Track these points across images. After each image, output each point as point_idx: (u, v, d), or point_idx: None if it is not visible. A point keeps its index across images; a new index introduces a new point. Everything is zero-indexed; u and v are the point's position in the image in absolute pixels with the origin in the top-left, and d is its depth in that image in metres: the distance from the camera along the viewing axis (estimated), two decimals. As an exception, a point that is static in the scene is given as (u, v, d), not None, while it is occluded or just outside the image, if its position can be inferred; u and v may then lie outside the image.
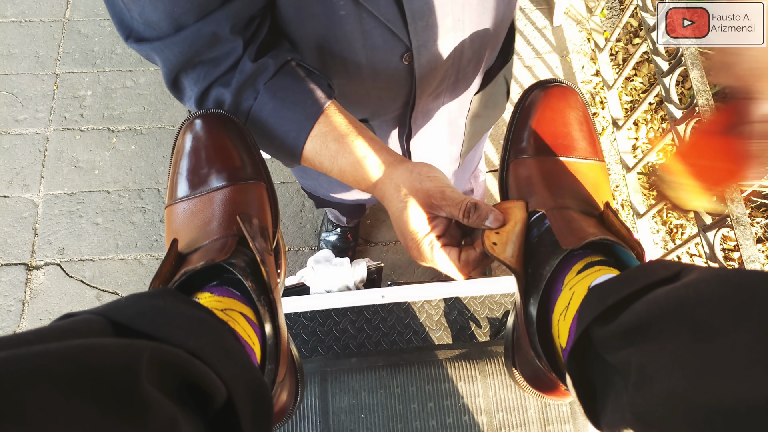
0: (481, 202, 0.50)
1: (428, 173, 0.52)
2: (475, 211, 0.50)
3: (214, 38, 0.53)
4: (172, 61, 0.54)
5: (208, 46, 0.53)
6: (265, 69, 0.56)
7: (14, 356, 0.24)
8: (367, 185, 0.56)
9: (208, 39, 0.52)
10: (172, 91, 0.58)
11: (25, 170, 1.89)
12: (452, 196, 0.51)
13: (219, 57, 0.54)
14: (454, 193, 0.51)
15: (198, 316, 0.39)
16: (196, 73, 0.55)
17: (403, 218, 0.52)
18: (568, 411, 0.75)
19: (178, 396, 0.32)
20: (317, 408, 0.73)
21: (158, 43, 0.52)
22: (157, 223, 1.84)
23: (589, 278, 0.45)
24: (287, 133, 0.57)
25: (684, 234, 1.84)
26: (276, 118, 0.56)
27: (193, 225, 0.52)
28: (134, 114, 2.00)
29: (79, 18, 2.16)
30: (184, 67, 0.55)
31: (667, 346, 0.32)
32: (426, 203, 0.51)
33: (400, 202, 0.52)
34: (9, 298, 1.72)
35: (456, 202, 0.50)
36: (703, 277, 0.33)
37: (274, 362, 0.46)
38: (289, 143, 0.57)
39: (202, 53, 0.54)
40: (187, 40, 0.52)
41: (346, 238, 1.77)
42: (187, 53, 0.53)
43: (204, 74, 0.55)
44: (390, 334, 0.85)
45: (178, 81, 0.56)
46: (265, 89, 0.56)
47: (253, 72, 0.55)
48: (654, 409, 0.31)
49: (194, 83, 0.56)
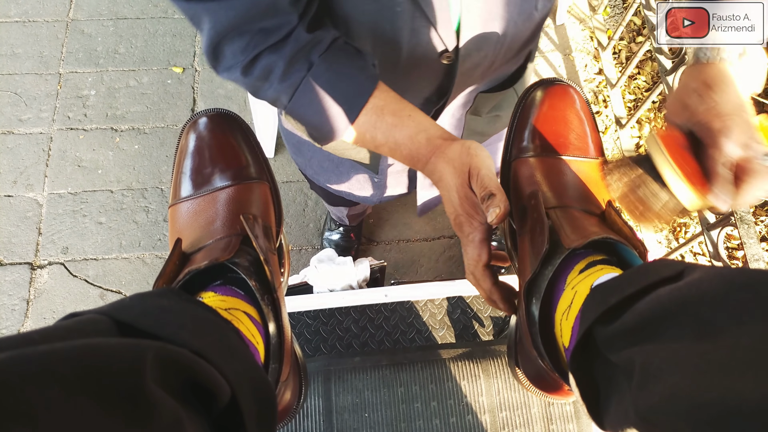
0: (499, 197, 0.49)
1: (476, 150, 0.52)
2: (488, 200, 0.49)
3: (272, 8, 0.52)
4: (222, 25, 0.53)
5: (264, 15, 0.53)
6: (320, 41, 0.56)
7: (19, 356, 0.24)
8: (420, 159, 0.56)
9: (266, 7, 0.52)
10: (210, 57, 0.57)
11: (29, 170, 1.90)
12: (484, 175, 0.50)
13: (272, 27, 0.54)
14: (487, 175, 0.50)
15: (202, 315, 0.39)
16: (243, 41, 0.54)
17: (452, 196, 0.52)
18: (571, 410, 0.75)
19: (182, 395, 0.32)
20: (321, 407, 0.73)
21: (213, 4, 0.51)
22: (161, 223, 1.84)
23: (591, 277, 0.45)
24: (341, 105, 0.57)
25: (687, 233, 1.83)
26: (331, 89, 0.56)
27: (196, 224, 0.52)
28: (137, 113, 2.00)
29: (83, 18, 2.17)
30: (231, 34, 0.54)
31: (670, 345, 0.32)
32: (465, 178, 0.51)
33: (452, 179, 0.52)
34: (13, 297, 1.73)
35: (482, 184, 0.50)
36: (706, 276, 0.33)
37: (277, 361, 0.46)
38: (340, 116, 0.57)
39: (255, 21, 0.53)
40: (245, 5, 0.51)
41: (349, 237, 1.77)
42: (241, 19, 0.52)
43: (253, 43, 0.54)
44: (393, 333, 0.85)
45: (220, 48, 0.55)
46: (320, 60, 0.56)
47: (308, 43, 0.55)
48: (657, 409, 0.31)
49: (240, 51, 0.55)
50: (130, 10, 2.19)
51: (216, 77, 2.07)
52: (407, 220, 1.88)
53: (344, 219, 1.66)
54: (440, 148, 0.54)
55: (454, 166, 0.52)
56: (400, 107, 0.57)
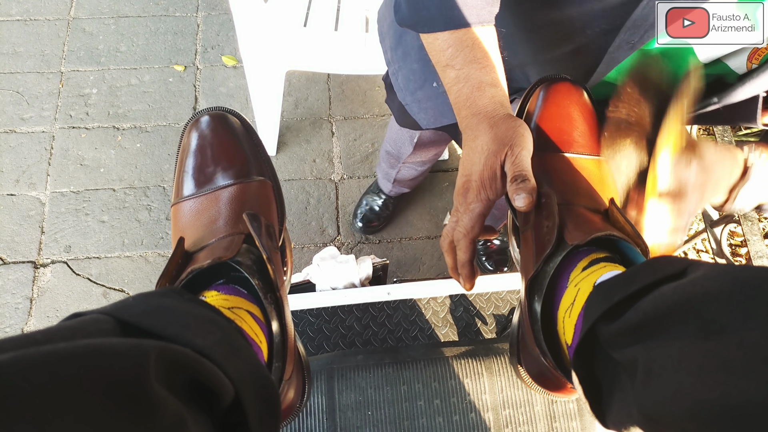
0: (533, 183, 0.50)
1: (524, 131, 0.52)
2: (521, 183, 0.49)
3: None
4: None
5: None
6: None
7: (23, 356, 0.24)
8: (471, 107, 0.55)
9: None
10: None
11: (32, 168, 1.90)
12: (524, 156, 0.50)
13: None
14: (526, 158, 0.50)
15: (205, 314, 0.39)
16: None
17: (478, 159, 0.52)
18: (574, 408, 0.75)
19: (185, 395, 0.32)
20: (324, 405, 0.73)
21: None
22: (163, 221, 1.84)
23: (594, 275, 0.45)
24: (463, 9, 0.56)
25: (690, 230, 1.83)
26: None
27: (199, 223, 0.52)
28: (139, 112, 2.00)
29: (84, 16, 2.17)
30: None
31: (674, 343, 0.32)
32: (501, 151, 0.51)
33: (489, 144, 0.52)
34: (17, 296, 1.73)
35: (519, 165, 0.50)
36: (710, 274, 0.33)
37: (281, 360, 0.46)
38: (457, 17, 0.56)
39: None
40: None
41: (385, 207, 1.81)
42: None
43: None
44: (396, 331, 0.85)
45: None
46: None
47: None
48: (661, 406, 0.31)
49: None
50: (132, 9, 2.19)
51: (218, 75, 2.07)
52: (409, 218, 1.88)
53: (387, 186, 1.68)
54: (495, 111, 0.54)
55: (496, 134, 0.51)
56: (494, 53, 0.56)
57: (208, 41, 2.15)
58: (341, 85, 2.09)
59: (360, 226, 1.83)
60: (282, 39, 1.49)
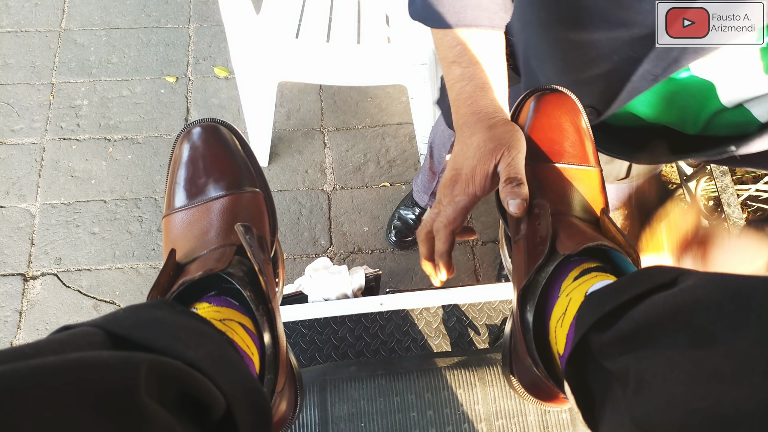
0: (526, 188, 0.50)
1: (520, 135, 0.52)
2: (515, 186, 0.49)
3: None
4: None
5: None
6: None
7: (11, 370, 0.24)
8: (470, 106, 0.56)
9: None
10: None
11: (22, 180, 1.89)
12: (519, 159, 0.51)
13: None
14: (522, 161, 0.51)
15: (196, 326, 0.39)
16: None
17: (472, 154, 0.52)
18: (567, 418, 0.75)
19: (176, 408, 0.32)
20: (316, 417, 0.73)
21: None
22: (154, 233, 1.84)
23: (585, 285, 0.45)
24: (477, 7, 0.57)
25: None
26: None
27: (190, 235, 0.52)
28: (131, 123, 2.00)
29: (75, 27, 2.17)
30: None
31: (664, 352, 0.32)
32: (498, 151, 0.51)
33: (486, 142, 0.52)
34: (6, 309, 1.71)
35: (515, 168, 0.50)
36: (700, 283, 0.33)
37: (273, 372, 0.46)
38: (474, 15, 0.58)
39: None
40: None
41: (418, 220, 1.80)
42: None
43: None
44: (388, 342, 0.85)
45: None
46: None
47: None
48: (652, 416, 0.31)
49: None
50: (123, 20, 2.20)
51: (209, 86, 2.07)
52: (402, 228, 1.88)
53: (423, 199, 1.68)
54: (495, 113, 0.55)
55: (494, 134, 0.52)
56: (501, 59, 0.58)
57: (200, 52, 2.15)
58: (333, 96, 2.09)
59: (394, 240, 1.83)
60: (274, 50, 1.49)
